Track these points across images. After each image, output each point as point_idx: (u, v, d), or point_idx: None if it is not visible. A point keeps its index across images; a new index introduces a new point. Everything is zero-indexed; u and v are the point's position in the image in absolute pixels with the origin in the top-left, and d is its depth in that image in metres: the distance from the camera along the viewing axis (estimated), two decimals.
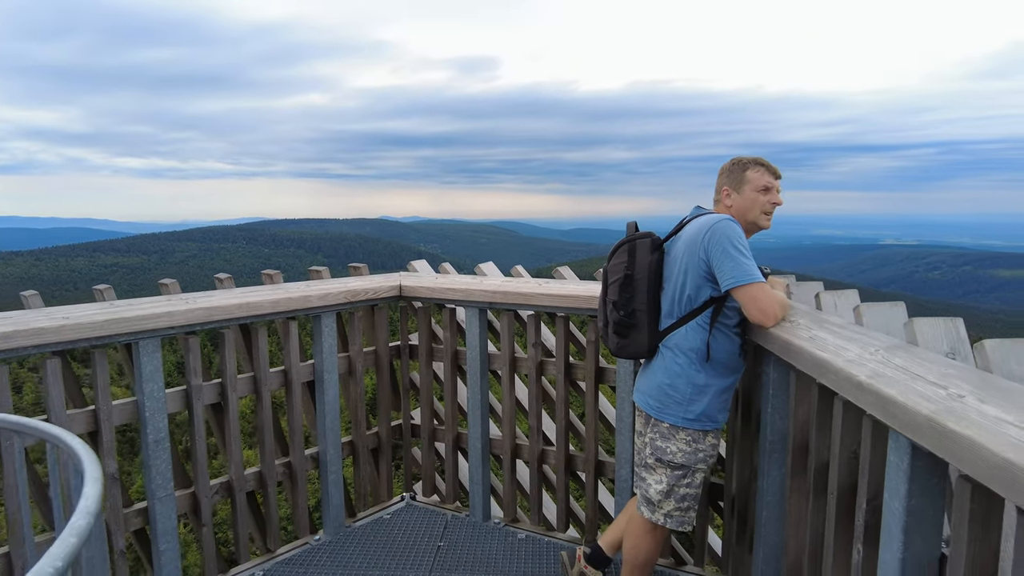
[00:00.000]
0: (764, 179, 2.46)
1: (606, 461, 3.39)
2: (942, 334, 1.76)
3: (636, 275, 2.46)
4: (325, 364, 3.38)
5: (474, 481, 3.67)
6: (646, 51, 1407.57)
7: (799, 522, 2.22)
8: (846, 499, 1.83)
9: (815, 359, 1.84)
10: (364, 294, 3.50)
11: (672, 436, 2.44)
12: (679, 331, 2.42)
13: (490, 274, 3.83)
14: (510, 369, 3.53)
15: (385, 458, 3.86)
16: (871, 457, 1.65)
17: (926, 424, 1.29)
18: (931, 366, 1.57)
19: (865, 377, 1.56)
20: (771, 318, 2.21)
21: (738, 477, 2.83)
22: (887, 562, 1.54)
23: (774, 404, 2.38)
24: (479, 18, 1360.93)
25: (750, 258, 2.27)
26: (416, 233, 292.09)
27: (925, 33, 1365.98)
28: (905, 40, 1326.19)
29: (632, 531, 2.61)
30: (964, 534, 1.33)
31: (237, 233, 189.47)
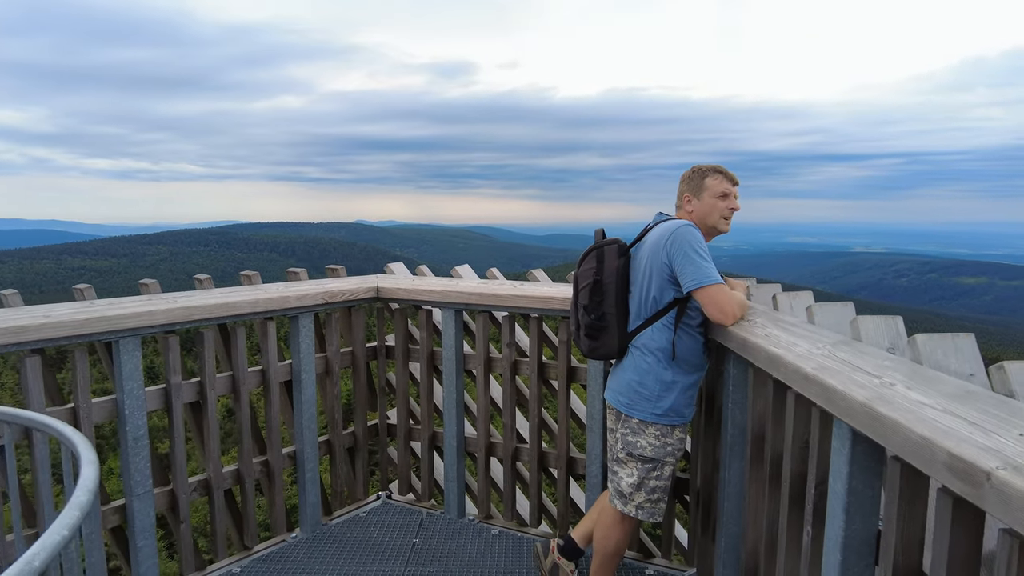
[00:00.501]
0: (722, 186, 2.60)
1: (577, 457, 3.49)
2: (883, 331, 1.90)
3: (605, 280, 2.59)
4: (303, 364, 3.45)
5: (449, 479, 3.75)
6: (621, 59, 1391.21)
7: (757, 511, 2.35)
8: (798, 486, 1.96)
9: (769, 355, 1.97)
10: (341, 295, 3.57)
11: (642, 431, 2.56)
12: (646, 331, 2.55)
13: (466, 276, 3.93)
14: (485, 369, 3.62)
15: (361, 457, 3.93)
16: (818, 444, 1.78)
17: (861, 410, 1.42)
18: (871, 359, 1.71)
19: (811, 370, 1.69)
20: (730, 317, 2.35)
21: (702, 470, 2.96)
22: (831, 539, 1.67)
23: (734, 399, 2.52)
24: (456, 24, 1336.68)
25: (709, 261, 2.40)
26: (392, 237, 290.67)
27: (891, 47, 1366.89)
28: (872, 53, 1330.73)
29: (603, 522, 2.72)
30: (895, 510, 1.46)
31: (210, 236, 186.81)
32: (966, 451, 1.12)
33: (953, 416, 1.27)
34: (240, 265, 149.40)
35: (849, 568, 1.62)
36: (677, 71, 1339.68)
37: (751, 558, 2.40)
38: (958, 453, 1.12)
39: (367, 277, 3.99)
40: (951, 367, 1.61)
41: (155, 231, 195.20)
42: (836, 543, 1.64)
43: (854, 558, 1.62)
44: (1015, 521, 1.01)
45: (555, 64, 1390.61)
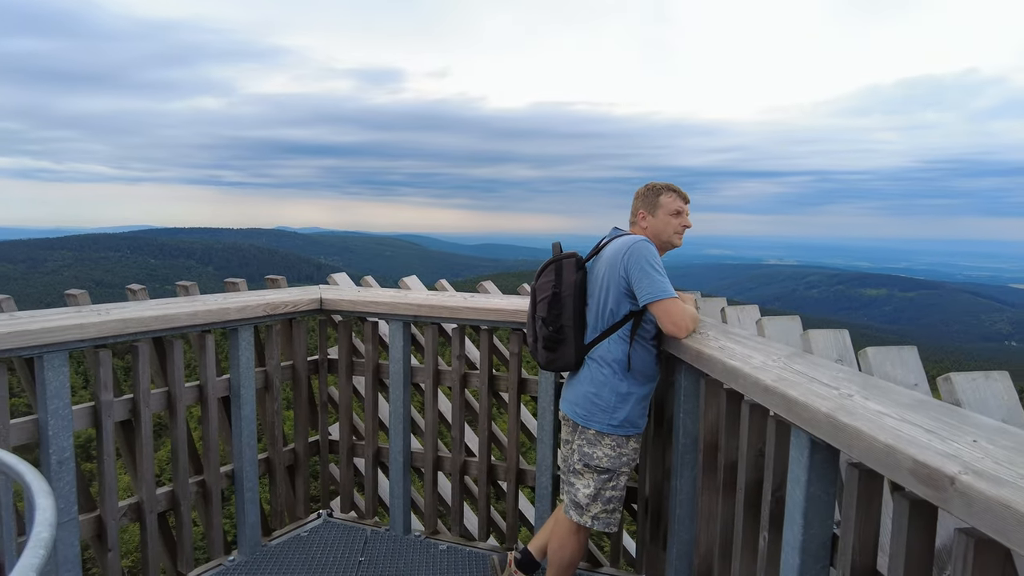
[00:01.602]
0: (676, 204, 2.69)
1: (527, 470, 3.50)
2: (832, 343, 2.01)
3: (563, 293, 2.62)
4: (242, 379, 3.31)
5: (395, 495, 3.68)
6: (549, 74, 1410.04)
7: (710, 517, 2.42)
8: (753, 492, 2.04)
9: (726, 367, 2.04)
10: (284, 307, 3.45)
11: (598, 442, 2.60)
12: (602, 344, 2.59)
13: (414, 288, 3.88)
14: (434, 382, 3.58)
15: (302, 475, 3.80)
16: (775, 452, 1.86)
17: (825, 420, 1.49)
18: (825, 370, 1.80)
19: (771, 381, 1.76)
20: (683, 330, 2.42)
21: (651, 479, 3.02)
22: (789, 543, 1.74)
23: (686, 409, 2.59)
24: (384, 31, 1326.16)
25: (664, 276, 2.48)
26: (315, 245, 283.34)
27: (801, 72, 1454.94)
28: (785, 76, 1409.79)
29: (558, 533, 2.74)
30: (852, 514, 1.54)
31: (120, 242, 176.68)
32: (929, 457, 1.19)
33: (911, 424, 1.35)
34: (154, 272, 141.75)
35: (807, 570, 1.70)
36: (602, 87, 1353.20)
37: (703, 564, 2.47)
38: (922, 460, 1.19)
39: (309, 288, 3.88)
40: (898, 377, 1.72)
41: (58, 235, 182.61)
42: (795, 547, 1.71)
43: (811, 561, 1.70)
44: (979, 522, 1.08)
45: (485, 75, 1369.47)
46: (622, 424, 2.58)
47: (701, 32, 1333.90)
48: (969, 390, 1.48)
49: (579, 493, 2.65)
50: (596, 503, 2.62)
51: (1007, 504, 1.02)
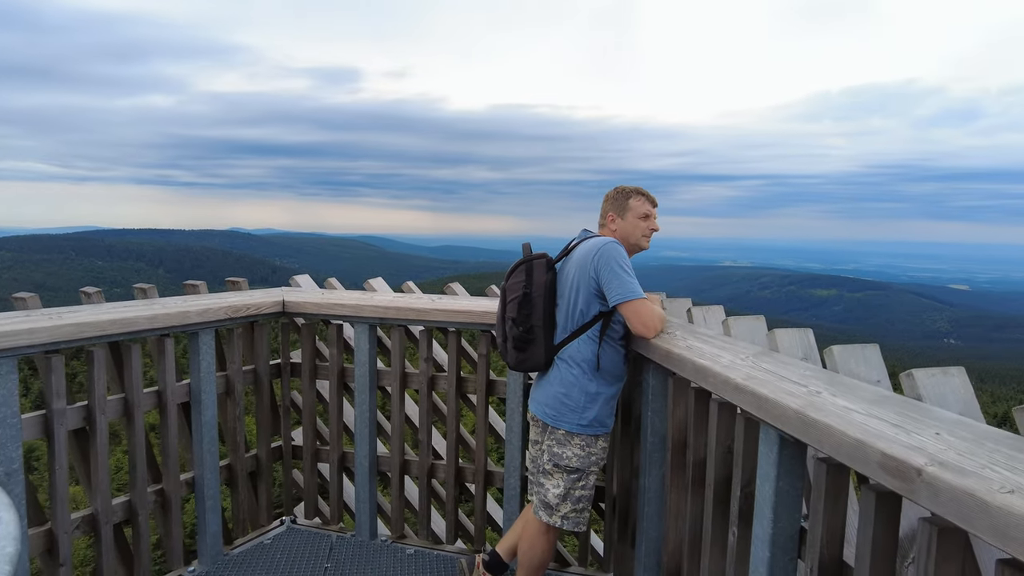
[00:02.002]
0: (644, 207, 2.73)
1: (495, 471, 3.50)
2: (798, 342, 2.06)
3: (534, 293, 2.63)
4: (203, 384, 3.22)
5: (360, 500, 3.63)
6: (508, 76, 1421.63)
7: (678, 514, 2.46)
8: (722, 489, 2.08)
9: (696, 366, 2.08)
10: (246, 310, 3.38)
11: (568, 442, 2.61)
12: (572, 344, 2.62)
13: (380, 290, 3.84)
14: (400, 385, 3.55)
15: (265, 481, 3.72)
16: (744, 449, 1.90)
17: (795, 417, 1.53)
18: (793, 369, 1.85)
19: (741, 380, 1.80)
20: (652, 331, 2.46)
21: (619, 478, 3.05)
22: (759, 537, 1.78)
23: (653, 408, 2.63)
24: (341, 30, 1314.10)
25: (634, 277, 2.51)
26: (270, 246, 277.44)
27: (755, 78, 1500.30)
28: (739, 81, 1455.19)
29: (528, 534, 2.74)
30: (821, 507, 1.59)
31: (64, 243, 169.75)
32: (897, 451, 1.24)
33: (878, 419, 1.40)
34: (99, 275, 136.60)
35: (776, 563, 1.74)
36: (562, 90, 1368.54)
37: (672, 560, 2.51)
38: (891, 453, 1.24)
39: (271, 290, 3.80)
40: (861, 374, 1.78)
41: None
42: (765, 541, 1.76)
43: (781, 554, 1.74)
44: (944, 510, 1.13)
45: (444, 76, 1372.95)
46: (591, 424, 2.60)
47: (659, 37, 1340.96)
48: (929, 385, 1.54)
49: (549, 493, 2.66)
50: (566, 503, 2.64)
51: (971, 493, 1.07)
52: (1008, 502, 1.01)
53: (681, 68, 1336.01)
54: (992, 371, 76.35)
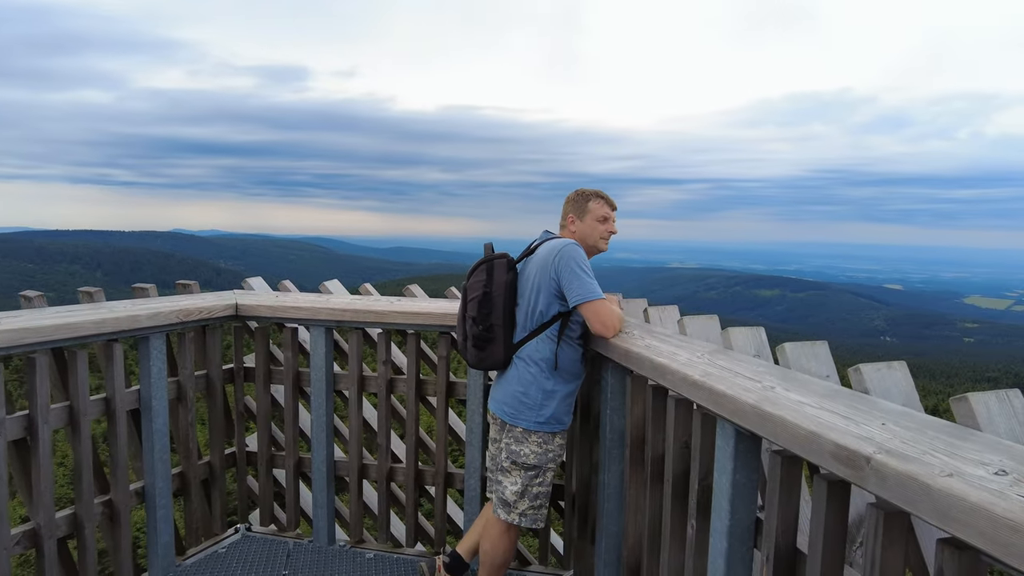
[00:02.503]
0: (603, 210, 2.78)
1: (455, 473, 3.50)
2: (750, 340, 2.15)
3: (494, 292, 2.66)
4: (153, 390, 3.13)
5: (318, 505, 3.58)
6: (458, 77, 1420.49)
7: (637, 509, 2.52)
8: (680, 483, 2.14)
9: (654, 364, 2.14)
10: (198, 313, 3.30)
11: (525, 439, 2.65)
12: (531, 343, 2.66)
13: (336, 292, 3.80)
14: (358, 388, 3.52)
15: (218, 488, 3.63)
16: (701, 443, 1.97)
17: (751, 411, 1.60)
18: (747, 365, 1.92)
19: (698, 376, 1.86)
20: (611, 330, 2.51)
21: (578, 475, 3.10)
22: (717, 529, 1.84)
23: (612, 405, 2.69)
24: (288, 28, 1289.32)
25: (593, 278, 2.56)
26: (215, 248, 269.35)
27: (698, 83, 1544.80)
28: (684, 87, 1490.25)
29: (489, 534, 2.77)
30: (775, 498, 1.66)
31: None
32: (848, 441, 1.31)
33: (829, 412, 1.48)
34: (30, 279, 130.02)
35: (734, 553, 1.81)
36: (511, 93, 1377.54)
37: (632, 555, 2.56)
38: (842, 443, 1.31)
39: (224, 293, 3.72)
40: (812, 370, 1.86)
41: None
42: (722, 532, 1.82)
43: (738, 544, 1.81)
44: (891, 495, 1.20)
45: (393, 76, 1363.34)
46: (548, 421, 2.65)
47: (606, 43, 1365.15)
48: (875, 379, 1.63)
49: (507, 491, 2.69)
50: (523, 500, 2.68)
51: (915, 477, 1.14)
52: (948, 485, 1.09)
53: (628, 73, 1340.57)
54: (924, 367, 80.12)
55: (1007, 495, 1.03)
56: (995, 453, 1.20)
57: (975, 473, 1.12)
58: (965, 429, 1.35)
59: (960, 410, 1.39)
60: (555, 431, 2.69)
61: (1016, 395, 1.38)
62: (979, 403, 1.35)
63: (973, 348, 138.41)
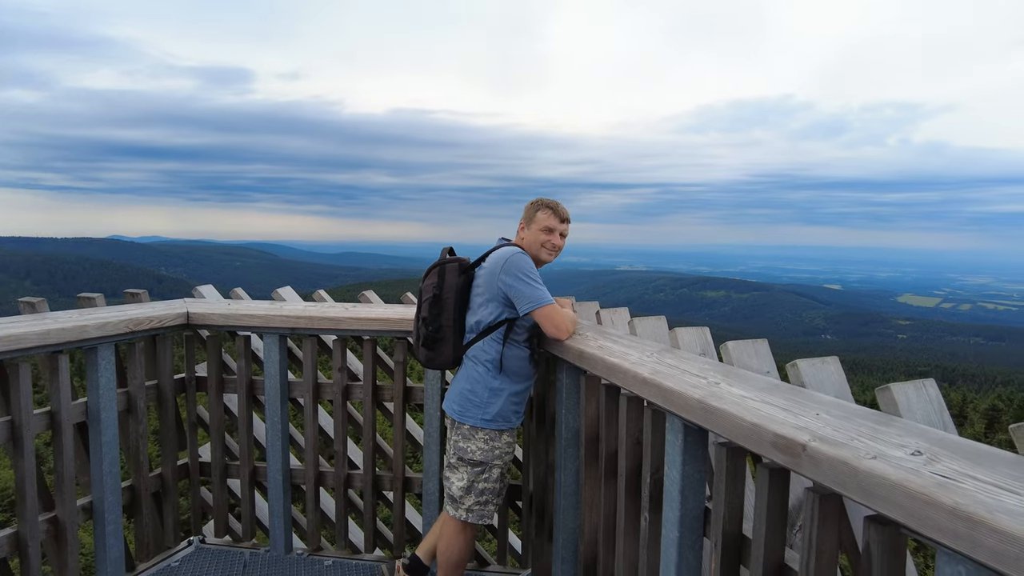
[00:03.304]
0: (549, 221, 2.84)
1: (413, 478, 3.53)
2: (696, 339, 2.26)
3: (444, 295, 2.73)
4: (101, 402, 3.06)
5: (274, 514, 3.55)
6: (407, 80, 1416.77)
7: (593, 505, 2.61)
8: (633, 478, 2.24)
9: (607, 363, 2.23)
10: (148, 323, 3.24)
11: (472, 436, 2.73)
12: (478, 344, 2.74)
13: (289, 299, 3.78)
14: (313, 396, 3.51)
15: (170, 501, 3.56)
16: (652, 438, 2.07)
17: (698, 406, 1.70)
18: (693, 363, 2.03)
19: (648, 374, 1.96)
20: (565, 333, 2.60)
21: (535, 475, 3.18)
22: (669, 519, 1.94)
23: (567, 405, 2.77)
24: (229, 29, 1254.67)
25: (540, 284, 2.65)
26: (155, 255, 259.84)
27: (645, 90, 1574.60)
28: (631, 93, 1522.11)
29: (445, 533, 2.82)
30: (723, 488, 1.76)
31: None
32: (786, 431, 1.42)
33: (769, 405, 1.59)
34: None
35: (685, 542, 1.91)
36: (460, 97, 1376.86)
37: (589, 550, 2.65)
38: (781, 433, 1.42)
39: (174, 302, 3.66)
40: (753, 366, 1.98)
41: None
42: (674, 522, 1.92)
43: (688, 533, 1.91)
44: (824, 478, 1.31)
45: (340, 79, 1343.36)
46: (494, 418, 2.73)
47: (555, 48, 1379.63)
48: (810, 373, 1.75)
49: (454, 486, 2.77)
50: (469, 495, 2.75)
51: (844, 461, 1.26)
52: (872, 466, 1.20)
53: (578, 79, 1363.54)
54: (862, 363, 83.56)
55: (921, 472, 1.15)
56: (912, 436, 1.33)
57: (895, 454, 1.24)
58: (888, 416, 1.47)
59: (883, 399, 1.52)
60: (502, 429, 2.77)
61: (931, 384, 1.51)
62: (899, 392, 1.48)
63: (907, 344, 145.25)
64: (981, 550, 1.00)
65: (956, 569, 1.08)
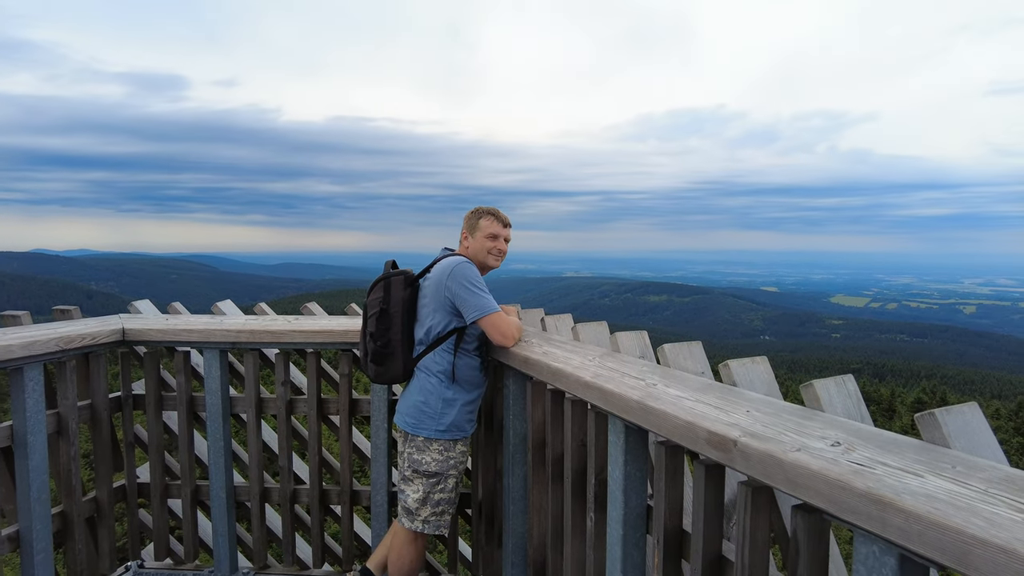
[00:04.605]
0: (492, 227, 2.90)
1: (361, 491, 3.50)
2: (636, 343, 2.34)
3: (391, 309, 2.74)
4: (29, 425, 2.93)
5: (218, 533, 3.46)
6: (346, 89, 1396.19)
7: (541, 509, 2.66)
8: (578, 480, 2.30)
9: (551, 369, 2.29)
10: (80, 340, 3.12)
11: (427, 448, 2.74)
12: (429, 356, 2.76)
13: (230, 313, 3.70)
14: (256, 411, 3.45)
15: (106, 525, 3.42)
16: (595, 440, 2.13)
17: (637, 407, 1.77)
18: (632, 366, 2.11)
19: (590, 378, 2.03)
20: (511, 340, 2.65)
21: (484, 482, 3.21)
22: (613, 518, 2.01)
23: (514, 411, 2.82)
24: (161, 34, 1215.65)
25: (486, 292, 2.70)
26: (84, 269, 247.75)
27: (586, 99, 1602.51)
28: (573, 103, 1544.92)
29: (396, 544, 2.82)
30: (663, 486, 1.84)
31: None
32: (718, 428, 1.50)
33: (703, 404, 1.67)
34: None
35: (629, 538, 1.98)
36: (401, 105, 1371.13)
37: (538, 553, 2.70)
38: (714, 430, 1.49)
39: (108, 318, 3.53)
40: (689, 367, 2.07)
41: None
42: (618, 520, 1.98)
43: (632, 531, 1.98)
44: (754, 472, 1.39)
45: (278, 87, 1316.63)
46: (449, 429, 2.75)
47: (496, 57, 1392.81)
48: (741, 373, 1.85)
49: (409, 499, 2.77)
50: (426, 507, 2.76)
51: (771, 454, 1.34)
52: (796, 458, 1.29)
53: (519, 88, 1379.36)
54: (799, 362, 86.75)
55: (839, 461, 1.24)
56: (833, 428, 1.42)
57: (816, 446, 1.33)
58: (811, 411, 1.57)
59: (807, 395, 1.62)
60: (456, 439, 2.79)
61: (850, 379, 1.62)
62: (821, 388, 1.59)
63: (840, 343, 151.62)
64: (890, 529, 1.09)
65: (871, 548, 1.17)
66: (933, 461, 1.20)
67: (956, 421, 1.28)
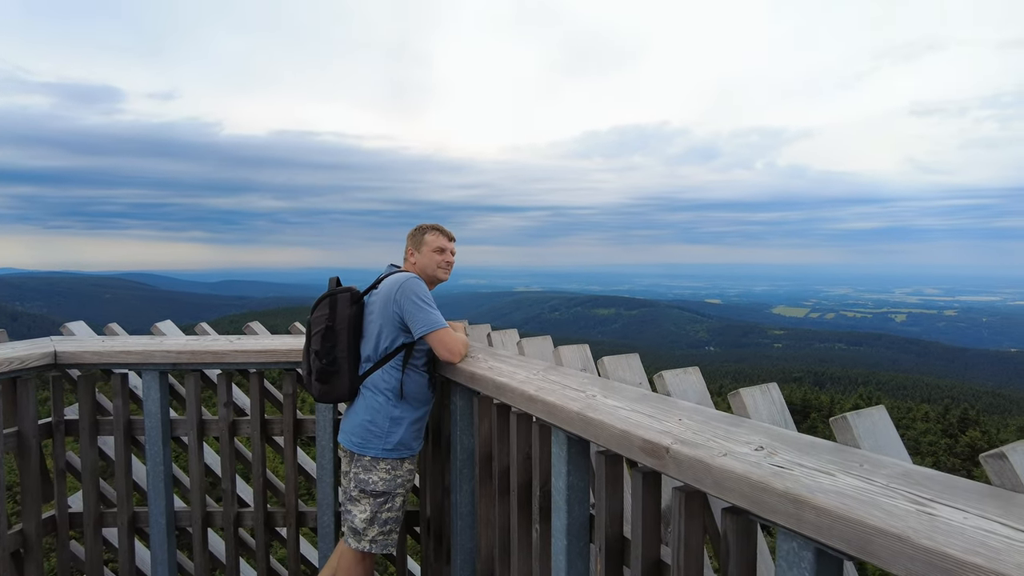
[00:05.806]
0: (439, 241, 2.95)
1: (307, 511, 3.45)
2: (577, 356, 2.41)
3: (337, 326, 2.74)
4: None
5: (157, 561, 3.35)
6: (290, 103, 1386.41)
7: (488, 523, 2.68)
8: (524, 492, 2.34)
9: (496, 383, 2.33)
10: (7, 364, 3.00)
11: (374, 467, 2.74)
12: (376, 373, 2.76)
13: (169, 333, 3.62)
14: (198, 433, 3.37)
15: (33, 560, 3.27)
16: (540, 452, 2.18)
17: (577, 418, 1.83)
18: (574, 378, 2.17)
19: (533, 391, 2.08)
20: (457, 355, 2.68)
21: (432, 498, 3.21)
22: (557, 529, 2.06)
23: (461, 426, 2.85)
24: (93, 44, 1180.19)
25: (435, 308, 2.73)
26: (10, 289, 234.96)
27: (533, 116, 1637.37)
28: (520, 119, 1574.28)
29: (343, 565, 2.79)
30: (603, 494, 1.90)
31: None
32: (652, 436, 1.57)
33: (638, 413, 1.74)
34: None
35: (572, 548, 2.03)
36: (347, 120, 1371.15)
37: (486, 567, 2.72)
38: (647, 438, 1.56)
39: (39, 340, 3.40)
40: (627, 378, 2.15)
41: None
42: (562, 531, 2.03)
43: (575, 540, 2.03)
44: (686, 477, 1.47)
45: (219, 100, 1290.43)
46: (396, 447, 2.75)
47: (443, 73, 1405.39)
48: (675, 383, 1.93)
49: (356, 519, 2.76)
50: (373, 526, 2.75)
51: (700, 460, 1.42)
52: (723, 463, 1.36)
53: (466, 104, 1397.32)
54: (743, 372, 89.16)
55: (762, 464, 1.32)
56: (757, 434, 1.51)
57: (741, 451, 1.41)
58: (738, 418, 1.66)
59: (735, 403, 1.71)
60: (403, 457, 2.79)
61: (774, 387, 1.72)
62: (748, 396, 1.68)
63: (782, 352, 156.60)
64: (806, 525, 1.17)
65: (791, 545, 1.25)
66: (844, 461, 1.30)
67: (865, 423, 1.38)
